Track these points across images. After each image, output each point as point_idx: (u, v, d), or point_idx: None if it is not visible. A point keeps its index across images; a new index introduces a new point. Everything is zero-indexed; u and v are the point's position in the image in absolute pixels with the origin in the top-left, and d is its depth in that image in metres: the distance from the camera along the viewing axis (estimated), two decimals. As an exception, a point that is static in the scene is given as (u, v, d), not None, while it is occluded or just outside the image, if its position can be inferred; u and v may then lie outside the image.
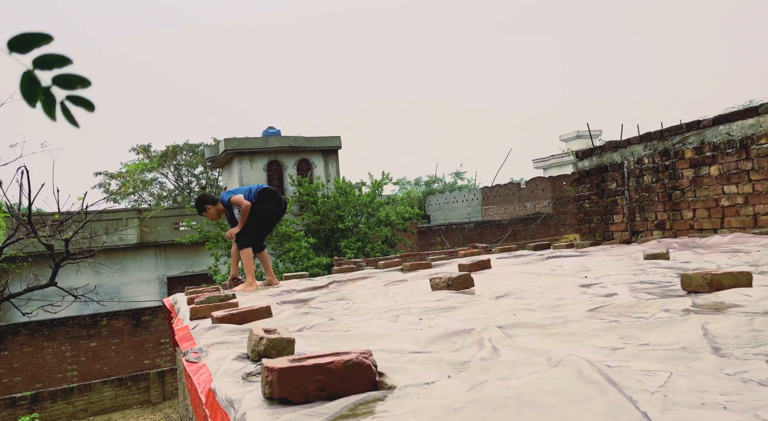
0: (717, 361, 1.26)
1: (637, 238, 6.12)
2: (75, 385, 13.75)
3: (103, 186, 32.76)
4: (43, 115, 0.79)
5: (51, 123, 1.10)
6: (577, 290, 2.73)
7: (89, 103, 0.83)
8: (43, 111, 0.81)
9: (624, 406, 1.01)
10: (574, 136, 43.05)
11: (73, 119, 0.82)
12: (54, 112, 0.81)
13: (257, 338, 1.78)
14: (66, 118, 0.82)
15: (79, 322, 14.64)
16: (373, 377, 1.33)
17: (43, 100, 0.79)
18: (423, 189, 45.36)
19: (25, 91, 0.78)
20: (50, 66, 0.77)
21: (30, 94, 0.78)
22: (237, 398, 1.34)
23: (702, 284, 2.24)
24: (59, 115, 0.81)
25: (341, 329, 2.27)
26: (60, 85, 0.79)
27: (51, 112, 0.81)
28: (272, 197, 5.06)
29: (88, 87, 0.80)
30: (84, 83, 0.80)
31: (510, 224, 26.68)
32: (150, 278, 19.18)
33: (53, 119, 0.81)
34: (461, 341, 1.78)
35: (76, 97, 0.81)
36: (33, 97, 0.79)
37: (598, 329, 1.77)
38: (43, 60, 0.77)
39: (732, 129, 5.09)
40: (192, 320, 3.06)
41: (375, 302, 3.13)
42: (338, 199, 17.90)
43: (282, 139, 22.59)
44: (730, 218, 5.10)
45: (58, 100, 0.81)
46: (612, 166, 6.54)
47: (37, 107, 0.79)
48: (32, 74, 0.78)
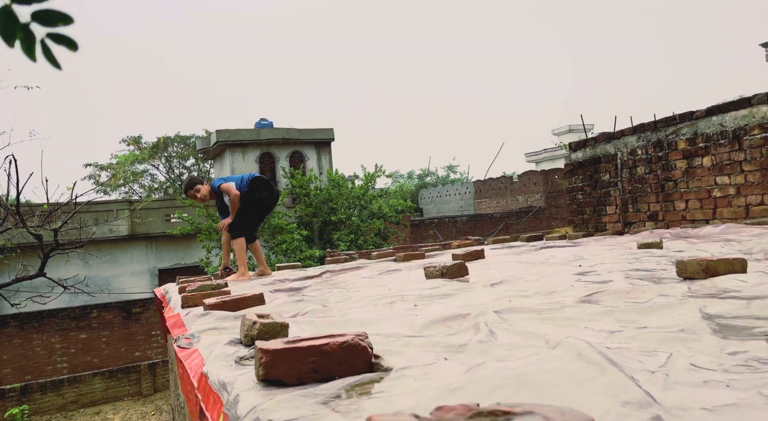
0: (717, 342, 1.25)
1: (629, 229, 6.14)
2: (65, 377, 13.66)
3: (93, 177, 32.44)
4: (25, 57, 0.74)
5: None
6: (572, 278, 2.72)
7: (72, 42, 0.78)
8: (22, 50, 0.76)
9: (626, 385, 0.99)
10: (566, 130, 43.16)
11: (55, 60, 0.77)
12: (34, 51, 0.76)
13: (250, 322, 1.75)
14: (46, 58, 0.77)
15: (68, 314, 14.52)
16: (369, 359, 1.30)
17: (22, 38, 0.75)
18: (416, 182, 45.34)
19: (2, 29, 0.73)
20: (29, 1, 0.72)
21: (7, 31, 0.73)
22: (230, 380, 1.31)
23: (697, 271, 2.23)
24: (39, 56, 0.77)
25: (335, 315, 2.25)
26: (40, 22, 0.74)
27: (31, 51, 0.76)
28: (264, 186, 5.01)
29: (70, 24, 0.76)
30: (66, 20, 0.75)
31: (502, 218, 26.75)
32: (141, 270, 19.05)
33: (33, 59, 0.76)
34: (457, 325, 1.76)
35: (57, 35, 0.76)
36: (11, 35, 0.74)
37: (595, 314, 1.76)
38: None
39: (725, 120, 5.09)
40: (183, 308, 3.02)
41: (369, 290, 3.11)
42: (331, 191, 17.84)
43: (274, 131, 22.45)
44: (723, 208, 5.12)
45: (38, 39, 0.76)
46: (605, 157, 6.54)
47: (15, 47, 0.74)
48: (9, 9, 0.72)
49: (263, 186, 5.00)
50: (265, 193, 5.00)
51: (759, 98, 4.88)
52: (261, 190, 4.97)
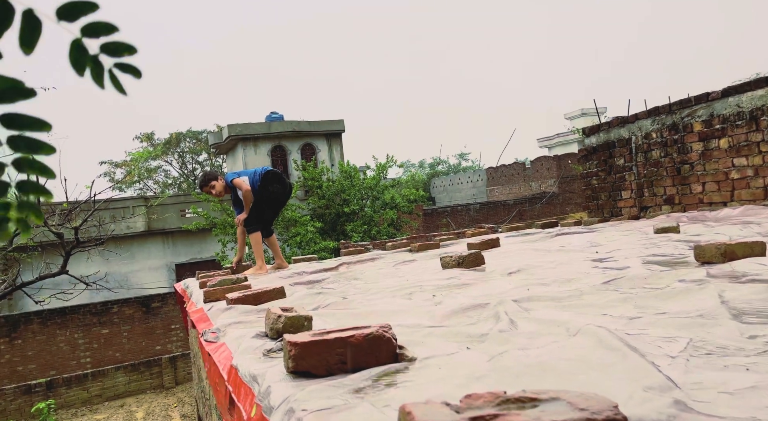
0: (737, 326, 1.27)
1: (645, 213, 6.10)
2: (89, 371, 13.97)
3: (108, 175, 32.86)
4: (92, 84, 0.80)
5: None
6: (589, 265, 2.74)
7: (136, 70, 0.83)
8: (92, 79, 0.81)
9: (647, 370, 1.02)
10: (579, 114, 42.68)
11: (121, 87, 0.83)
12: (102, 80, 0.82)
13: (275, 316, 1.79)
14: (114, 85, 0.83)
15: (90, 310, 14.81)
16: (393, 350, 1.34)
17: (92, 68, 0.80)
18: (427, 171, 45.23)
19: (74, 59, 0.79)
20: (97, 34, 0.78)
21: (79, 62, 0.79)
22: (260, 373, 1.36)
23: (716, 255, 2.23)
24: (107, 83, 0.82)
25: (356, 307, 2.29)
26: (107, 53, 0.80)
27: (99, 80, 0.81)
28: (277, 179, 5.05)
29: (135, 54, 0.81)
30: (130, 50, 0.81)
31: (515, 204, 26.63)
32: (158, 265, 19.33)
33: (101, 87, 0.81)
34: (477, 315, 1.79)
35: (123, 65, 0.82)
36: (81, 66, 0.79)
37: (614, 300, 1.78)
38: (91, 28, 0.77)
39: (742, 101, 5.02)
40: (206, 302, 3.09)
41: (386, 281, 3.15)
42: (343, 183, 17.89)
43: (285, 124, 22.51)
44: (740, 190, 5.07)
45: (106, 68, 0.82)
46: (619, 141, 6.49)
47: (85, 76, 0.80)
48: (80, 42, 0.78)
49: (276, 179, 5.05)
50: (278, 186, 5.05)
51: (776, 78, 4.80)
52: (273, 183, 5.01)
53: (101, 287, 10.19)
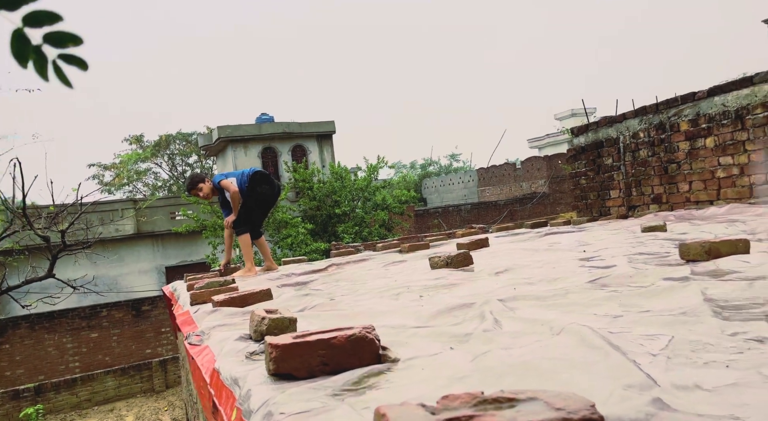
0: (718, 323, 1.27)
1: (633, 212, 6.13)
2: (78, 376, 13.82)
3: (96, 177, 32.58)
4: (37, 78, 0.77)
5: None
6: (576, 264, 2.74)
7: (82, 62, 0.80)
8: (35, 71, 0.79)
9: (628, 368, 1.02)
10: (569, 114, 42.93)
11: (66, 79, 0.80)
12: (46, 71, 0.79)
13: (259, 318, 1.78)
14: (58, 77, 0.80)
15: (78, 313, 14.66)
16: (376, 351, 1.33)
17: (35, 60, 0.77)
18: (419, 172, 45.28)
19: (15, 50, 0.76)
20: (40, 23, 0.75)
21: (21, 53, 0.76)
22: (241, 375, 1.35)
23: (700, 253, 2.24)
24: (51, 75, 0.79)
25: (342, 308, 2.28)
26: (51, 44, 0.77)
27: (43, 71, 0.79)
28: (265, 180, 5.02)
29: (80, 45, 0.78)
30: (76, 41, 0.78)
31: (506, 205, 26.72)
32: (148, 268, 19.18)
33: (45, 79, 0.79)
34: (462, 314, 1.78)
35: (68, 56, 0.79)
36: (24, 57, 0.77)
37: (599, 299, 1.78)
38: (33, 17, 0.75)
39: (727, 100, 5.07)
40: (192, 305, 3.06)
41: (375, 282, 3.14)
42: (334, 184, 17.86)
43: (276, 125, 22.44)
44: (727, 189, 5.11)
45: (49, 60, 0.79)
46: (607, 141, 6.52)
47: (28, 68, 0.77)
48: (22, 32, 0.75)
49: (264, 180, 5.02)
50: (266, 187, 5.02)
51: (761, 77, 4.85)
52: (262, 184, 4.98)
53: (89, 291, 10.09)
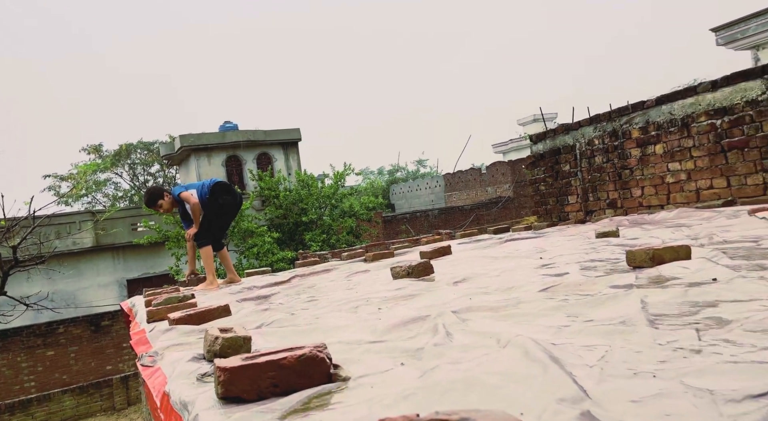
0: (651, 332, 1.33)
1: (591, 217, 6.33)
2: (33, 396, 13.27)
3: (53, 189, 31.45)
4: None
5: None
6: (532, 272, 2.82)
7: None
8: None
9: (564, 381, 1.06)
10: (531, 120, 43.84)
11: None
12: None
13: (212, 337, 1.76)
14: None
15: (34, 331, 14.10)
16: (327, 370, 1.34)
17: None
18: (386, 178, 45.46)
19: None
20: None
21: None
22: (190, 400, 1.33)
23: (645, 260, 2.34)
24: None
25: (300, 323, 2.28)
26: None
27: None
28: (226, 191, 4.97)
29: None
30: None
31: (473, 209, 27.10)
32: (108, 282, 18.60)
33: None
34: (417, 328, 1.81)
35: None
36: None
37: (548, 309, 1.84)
38: None
39: (674, 108, 5.30)
40: (149, 322, 3.00)
41: (336, 294, 3.14)
42: (300, 192, 17.76)
43: (240, 134, 22.18)
44: (675, 193, 5.34)
45: None
46: (565, 148, 6.72)
47: None
48: None
49: (225, 191, 4.96)
50: (228, 198, 4.96)
51: (704, 86, 5.09)
52: (223, 195, 4.92)
53: (44, 308, 9.72)
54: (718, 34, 15.56)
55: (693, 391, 0.95)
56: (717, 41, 15.89)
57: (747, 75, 4.70)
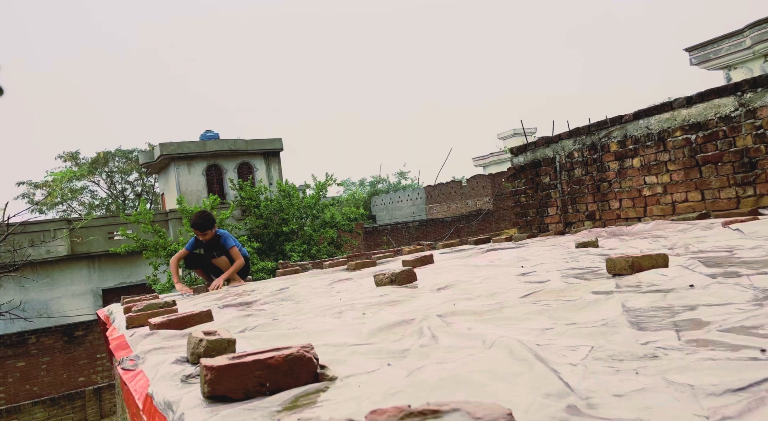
0: (633, 333, 1.37)
1: (570, 229, 6.43)
2: (2, 408, 12.83)
3: (27, 196, 30.72)
4: None
5: None
6: (514, 279, 2.85)
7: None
8: None
9: (549, 378, 1.08)
10: (511, 134, 44.48)
11: None
12: None
13: (197, 340, 1.75)
14: None
15: (4, 341, 13.67)
16: (314, 370, 1.34)
17: None
18: (368, 190, 45.51)
19: None
20: None
21: None
22: (175, 399, 1.32)
23: (624, 267, 2.39)
24: None
25: (284, 328, 2.27)
26: None
27: None
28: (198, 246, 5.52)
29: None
30: None
31: (453, 222, 27.26)
32: (83, 291, 18.17)
33: None
34: (402, 330, 1.82)
35: None
36: None
37: (531, 313, 1.87)
38: None
39: (651, 123, 5.45)
40: (129, 328, 2.95)
41: (319, 300, 3.13)
42: (282, 202, 17.66)
43: (221, 143, 22.03)
44: (652, 206, 5.46)
45: None
46: (545, 160, 6.83)
47: None
48: None
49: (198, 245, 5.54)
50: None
51: (679, 102, 5.24)
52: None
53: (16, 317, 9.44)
54: (692, 54, 16.07)
55: (674, 386, 0.98)
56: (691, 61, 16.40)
57: (720, 92, 4.86)
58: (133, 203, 32.26)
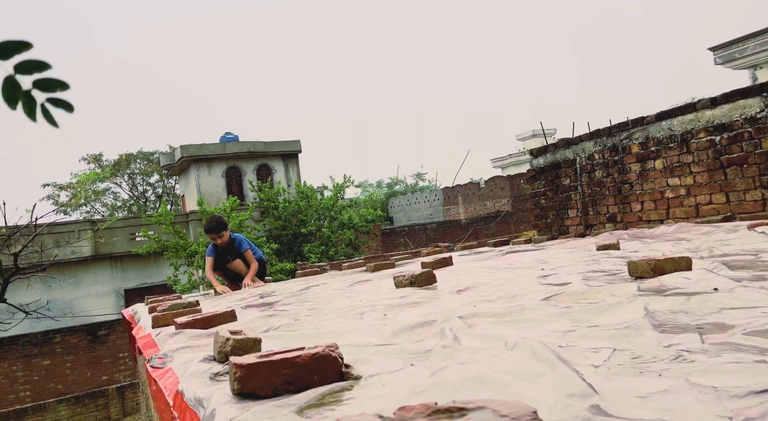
0: (656, 336, 1.37)
1: (590, 231, 6.37)
2: (29, 405, 13.15)
3: (52, 198, 31.46)
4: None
5: None
6: (534, 282, 2.85)
7: (68, 105, 0.86)
8: (24, 113, 0.84)
9: (572, 379, 1.09)
10: (530, 136, 44.10)
11: (53, 120, 0.85)
12: (35, 113, 0.84)
13: (223, 339, 1.79)
14: (46, 119, 0.85)
15: (30, 340, 14.02)
16: (339, 369, 1.37)
17: (24, 103, 0.83)
18: (385, 191, 45.57)
19: (6, 95, 0.81)
20: (30, 71, 0.81)
21: (11, 97, 0.82)
22: (206, 396, 1.36)
23: (647, 270, 2.38)
24: (39, 117, 0.84)
25: (307, 328, 2.30)
26: (40, 89, 0.83)
27: (32, 114, 0.84)
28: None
29: (67, 90, 0.84)
30: (63, 86, 0.84)
31: (471, 223, 27.14)
32: (106, 291, 18.54)
33: (34, 120, 0.84)
34: (424, 332, 1.85)
35: (56, 100, 0.85)
36: (14, 101, 0.82)
37: (552, 315, 1.87)
38: (24, 65, 0.81)
39: (673, 124, 5.38)
40: (154, 328, 3.02)
41: (340, 301, 3.17)
42: (300, 203, 17.80)
43: (240, 145, 22.28)
44: (675, 208, 5.39)
45: (38, 103, 0.84)
46: (565, 162, 6.78)
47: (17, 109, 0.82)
48: (13, 79, 0.81)
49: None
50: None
51: (703, 103, 5.17)
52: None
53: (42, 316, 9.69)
54: (716, 54, 15.78)
55: (698, 388, 0.99)
56: (715, 60, 16.10)
57: (746, 93, 4.78)
58: (154, 205, 32.81)
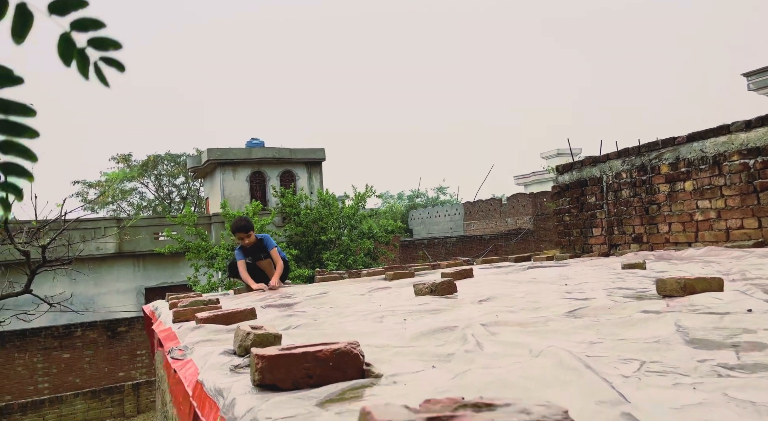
0: (688, 351, 1.33)
1: (615, 251, 6.25)
2: (46, 397, 13.37)
3: (81, 195, 32.23)
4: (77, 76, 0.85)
5: None
6: (558, 295, 2.80)
7: (120, 65, 0.88)
8: (78, 70, 0.86)
9: (601, 387, 1.06)
10: (555, 154, 43.74)
11: (105, 79, 0.87)
12: (87, 71, 0.86)
13: (244, 333, 1.80)
14: (98, 77, 0.87)
15: (52, 333, 14.29)
16: (360, 366, 1.36)
17: (78, 60, 0.85)
18: (406, 203, 45.54)
19: (62, 51, 0.83)
20: (85, 29, 0.83)
21: (66, 54, 0.84)
22: (226, 386, 1.36)
23: (676, 289, 2.32)
24: (91, 74, 0.86)
25: (326, 328, 2.30)
26: (94, 47, 0.85)
27: (84, 71, 0.86)
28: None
29: (120, 49, 0.86)
30: (116, 46, 0.86)
31: (491, 239, 26.90)
32: (127, 289, 18.84)
33: (86, 78, 0.86)
34: (445, 336, 1.82)
35: (108, 59, 0.87)
36: (69, 58, 0.84)
37: (578, 327, 1.83)
38: (80, 23, 0.82)
39: (705, 146, 5.27)
40: (175, 322, 3.05)
41: (359, 306, 3.16)
42: (321, 211, 17.88)
43: (266, 150, 22.56)
44: (704, 231, 5.26)
45: (91, 61, 0.86)
46: (591, 180, 6.69)
47: (71, 67, 0.84)
48: (69, 36, 0.83)
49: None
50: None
51: (737, 126, 5.06)
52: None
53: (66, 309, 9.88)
54: (750, 79, 15.47)
55: (735, 402, 0.95)
56: (748, 86, 15.77)
57: (782, 115, 4.66)
58: (179, 206, 33.35)
